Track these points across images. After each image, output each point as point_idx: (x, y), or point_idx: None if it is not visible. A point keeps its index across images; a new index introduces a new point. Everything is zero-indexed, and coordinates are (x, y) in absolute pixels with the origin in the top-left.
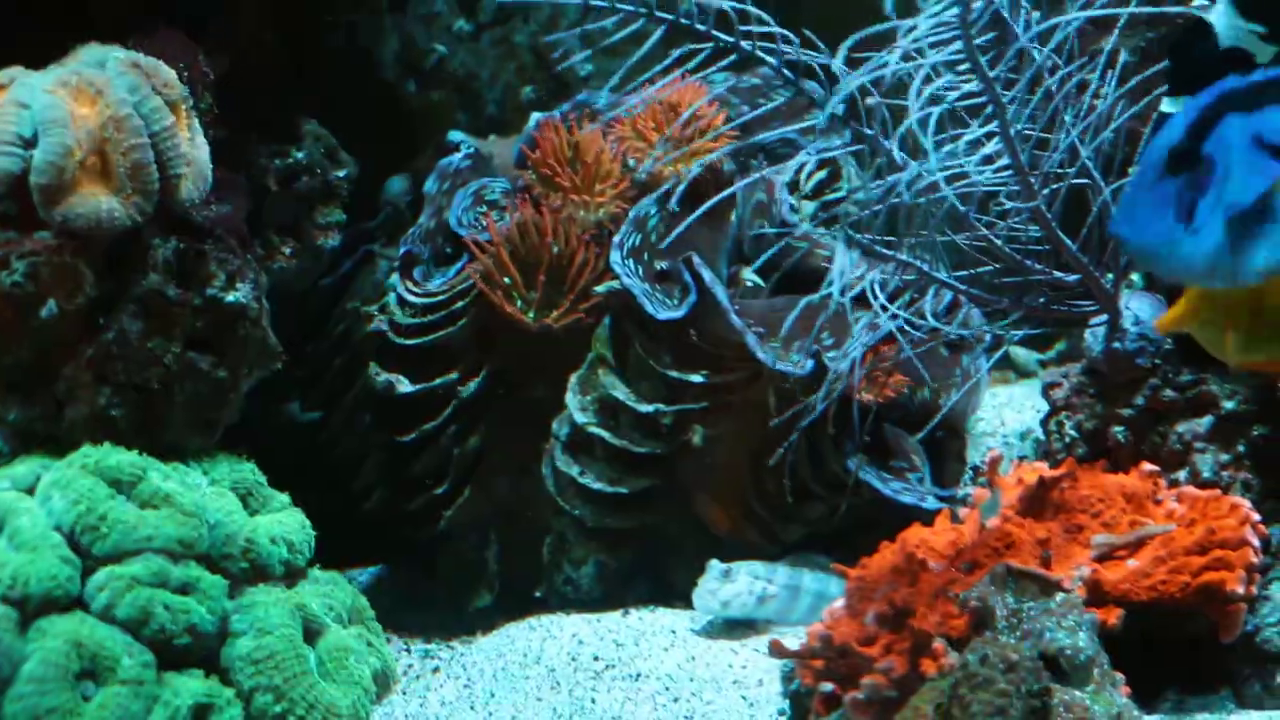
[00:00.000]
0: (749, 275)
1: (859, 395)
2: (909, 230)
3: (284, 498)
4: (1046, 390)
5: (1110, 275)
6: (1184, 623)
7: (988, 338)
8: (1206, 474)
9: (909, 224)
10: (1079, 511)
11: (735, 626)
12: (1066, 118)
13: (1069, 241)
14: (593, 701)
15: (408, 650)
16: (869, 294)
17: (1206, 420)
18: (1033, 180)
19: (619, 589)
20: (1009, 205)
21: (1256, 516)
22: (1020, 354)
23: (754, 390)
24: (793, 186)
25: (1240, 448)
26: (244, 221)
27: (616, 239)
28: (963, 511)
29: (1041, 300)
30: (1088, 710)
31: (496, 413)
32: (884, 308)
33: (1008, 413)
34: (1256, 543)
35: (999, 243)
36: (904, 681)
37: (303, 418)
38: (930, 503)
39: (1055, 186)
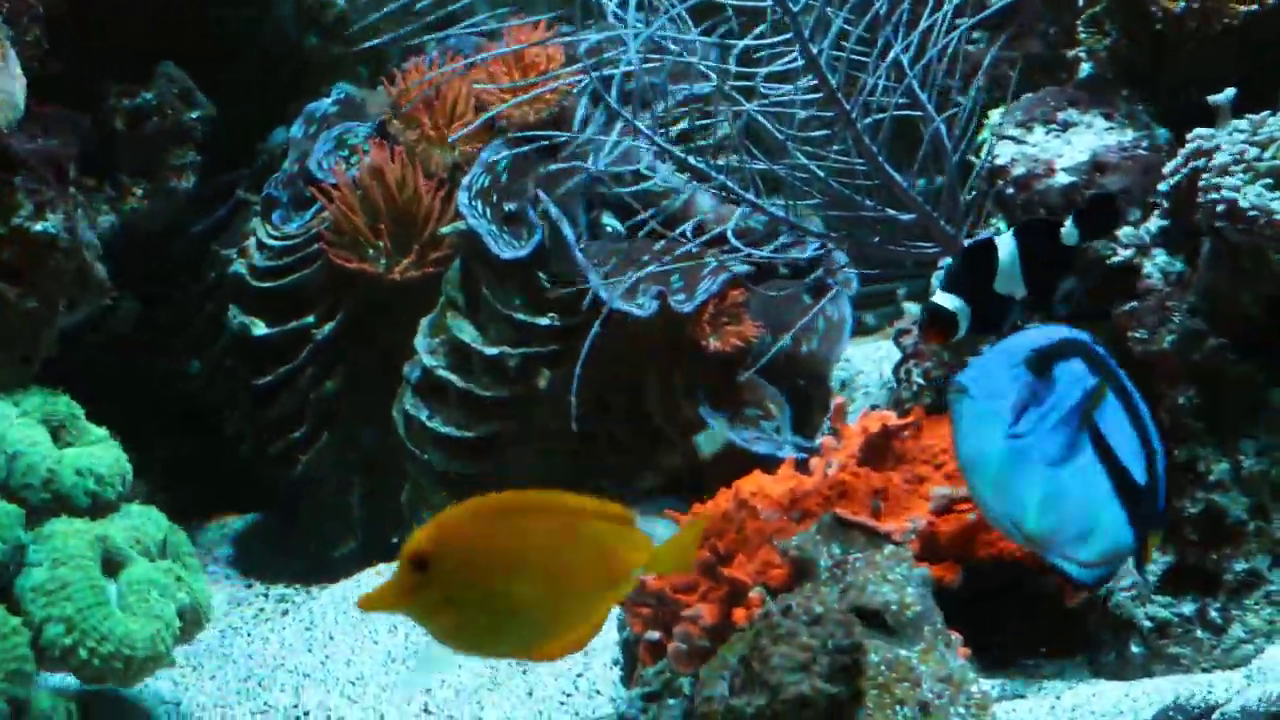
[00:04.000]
0: (609, 220)
1: (707, 341)
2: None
3: (101, 432)
4: (898, 337)
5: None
6: (1037, 582)
7: (849, 283)
8: None
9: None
10: (921, 462)
11: None
12: (889, 39)
13: (895, 174)
14: (425, 645)
15: (265, 595)
16: (729, 238)
17: None
18: (848, 106)
19: None
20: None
21: None
22: (913, 307)
23: (606, 335)
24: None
25: None
26: (72, 157)
27: (465, 180)
28: (813, 461)
29: (877, 240)
30: (912, 670)
31: (357, 358)
32: (733, 249)
33: (887, 366)
34: None
35: (820, 173)
36: (717, 631)
37: (178, 366)
38: (787, 451)
39: (880, 117)
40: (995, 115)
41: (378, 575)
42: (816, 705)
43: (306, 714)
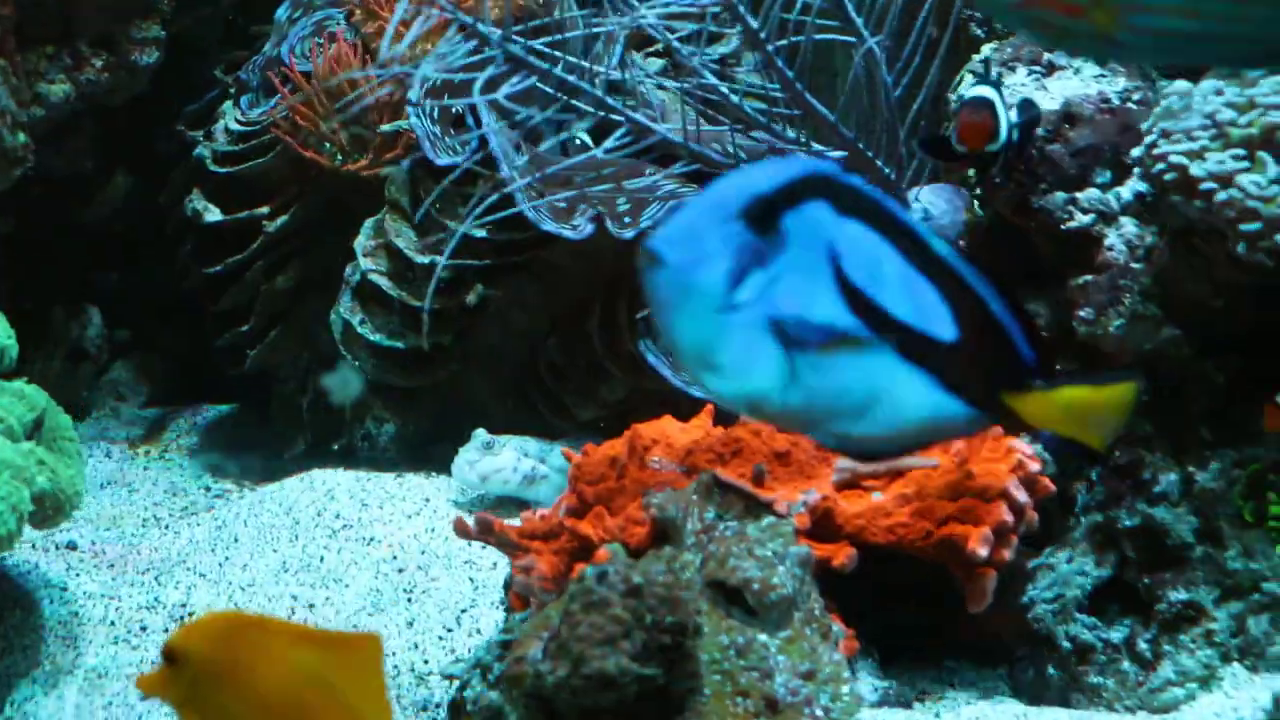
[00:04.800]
0: (580, 132)
1: None
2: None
3: None
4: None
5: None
6: (945, 578)
7: None
8: None
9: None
10: None
11: (507, 504)
12: None
13: (818, 104)
14: (321, 560)
15: (206, 490)
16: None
17: None
18: (754, 23)
19: (419, 452)
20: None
21: (1035, 467)
22: None
23: (551, 253)
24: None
25: None
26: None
27: (417, 75)
28: None
29: None
30: (766, 660)
31: (312, 256)
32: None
33: None
34: (1021, 498)
35: (734, 98)
36: (560, 585)
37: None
38: None
39: (796, 39)
40: (987, 49)
41: (299, 481)
42: (623, 686)
43: (192, 614)
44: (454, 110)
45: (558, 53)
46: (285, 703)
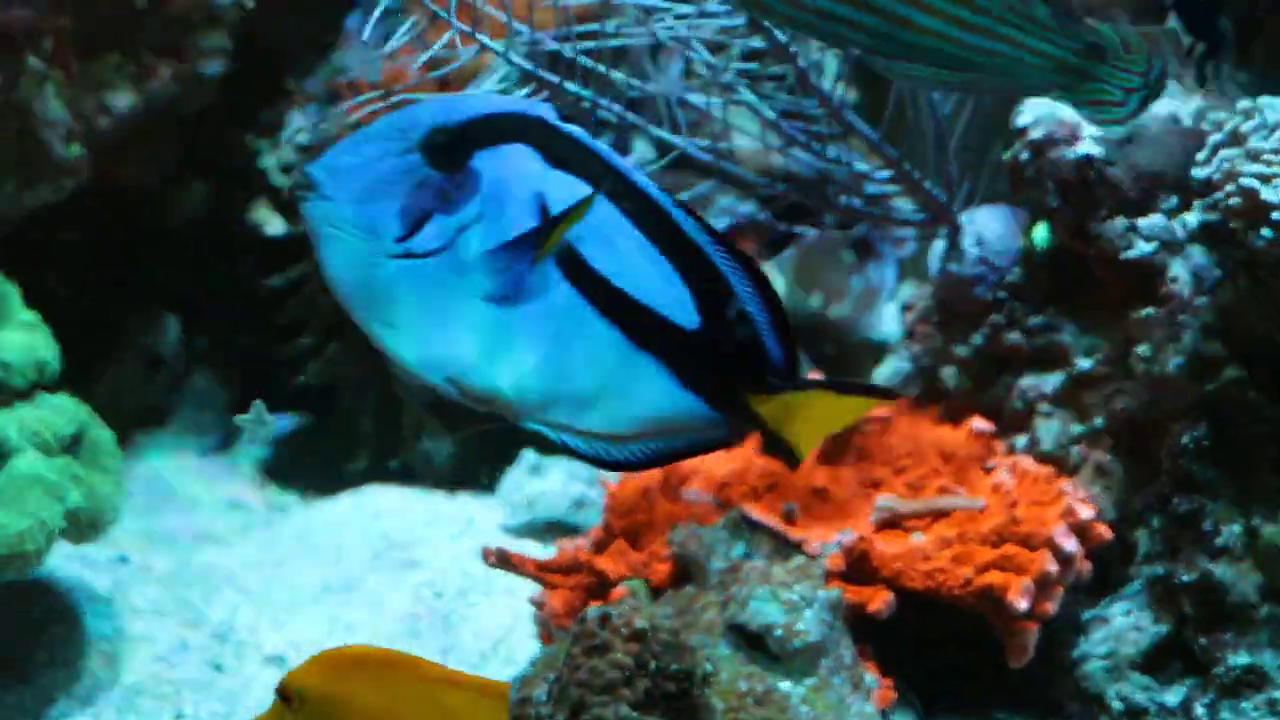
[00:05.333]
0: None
1: None
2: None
3: (28, 316)
4: (904, 311)
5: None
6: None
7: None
8: (1047, 445)
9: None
10: (881, 463)
11: (556, 528)
12: None
13: (858, 120)
14: (362, 581)
15: (268, 504)
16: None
17: (1055, 378)
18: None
19: (475, 471)
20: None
21: (1087, 514)
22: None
23: None
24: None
25: (1098, 421)
26: (25, 26)
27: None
28: None
29: (846, 201)
30: (786, 710)
31: None
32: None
33: None
34: (1069, 546)
35: (770, 113)
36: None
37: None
38: None
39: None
40: None
41: (351, 500)
42: None
43: (233, 631)
44: None
45: (596, 65)
46: None
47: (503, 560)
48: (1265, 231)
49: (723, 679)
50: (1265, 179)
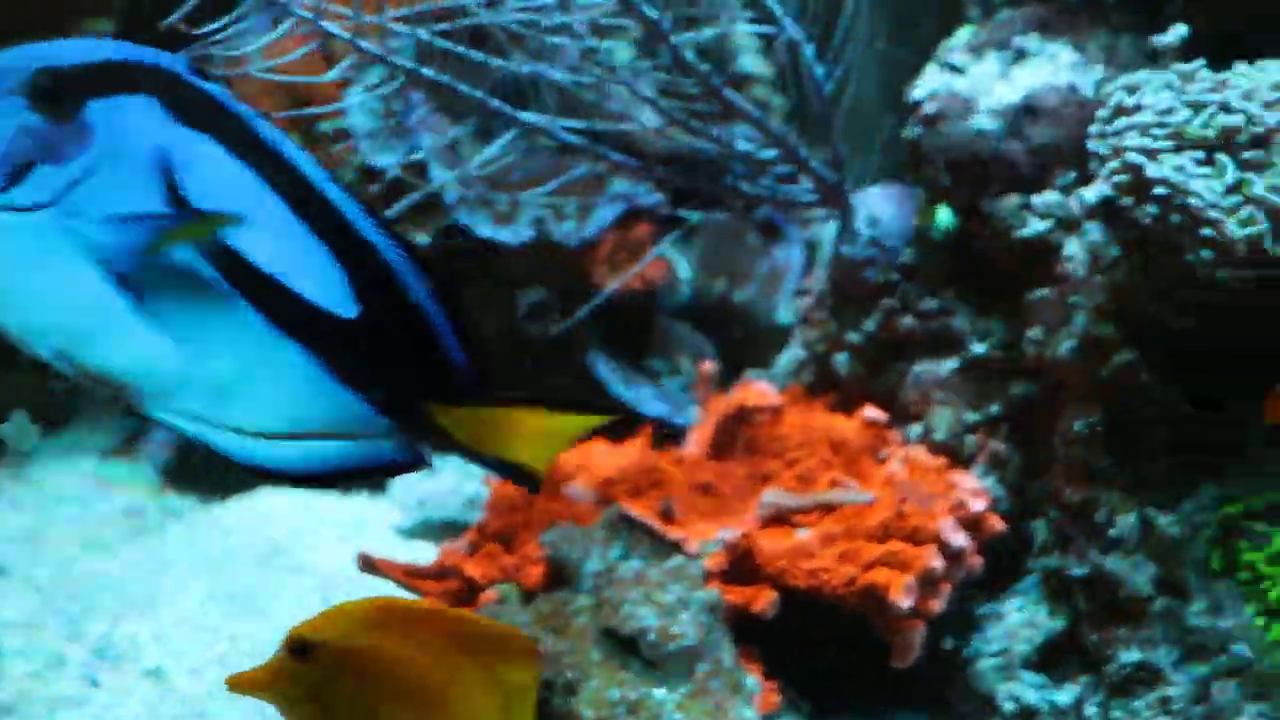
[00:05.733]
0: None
1: (603, 281)
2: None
3: None
4: (799, 296)
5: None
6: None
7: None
8: (941, 434)
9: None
10: (771, 455)
11: (451, 529)
12: None
13: (739, 98)
14: (248, 589)
15: (164, 508)
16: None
17: (949, 364)
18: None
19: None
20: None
21: (979, 505)
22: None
23: (505, 261)
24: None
25: (994, 408)
26: None
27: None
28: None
29: (732, 183)
30: (659, 718)
31: None
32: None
33: None
34: (957, 541)
35: (649, 93)
36: None
37: None
38: (690, 416)
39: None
40: (964, 33)
41: (242, 505)
42: None
43: (111, 644)
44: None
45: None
46: (430, 697)
47: (369, 566)
48: (1151, 208)
49: (593, 686)
50: (1150, 154)
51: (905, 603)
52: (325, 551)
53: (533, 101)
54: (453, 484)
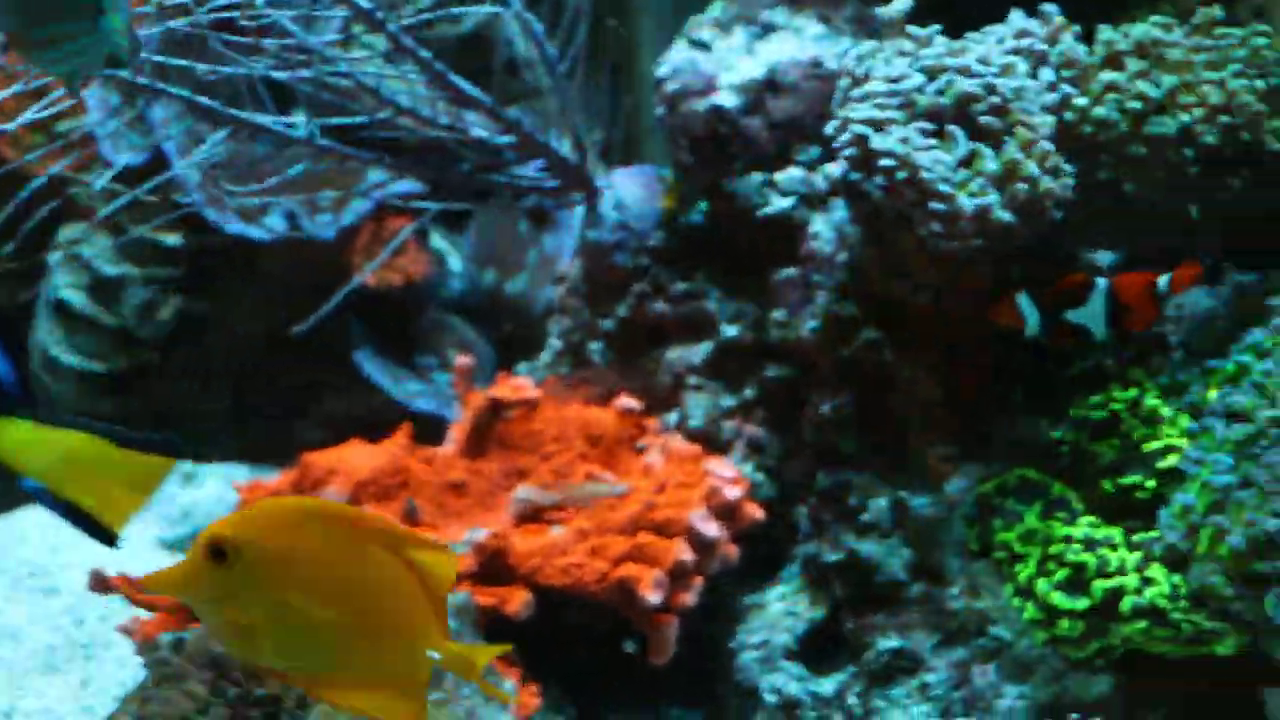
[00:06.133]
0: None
1: (362, 274)
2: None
3: None
4: (556, 283)
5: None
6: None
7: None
8: (697, 421)
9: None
10: (526, 451)
11: None
12: None
13: (466, 84)
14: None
15: None
16: None
17: (702, 348)
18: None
19: None
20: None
21: (734, 493)
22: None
23: (265, 257)
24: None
25: (749, 392)
26: None
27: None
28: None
29: (466, 167)
30: None
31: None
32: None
33: None
34: (710, 532)
35: (369, 80)
36: None
37: None
38: (459, 412)
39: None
40: (715, 8)
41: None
42: None
43: None
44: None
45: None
46: (351, 593)
47: (102, 585)
48: (879, 180)
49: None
50: (877, 125)
51: (655, 598)
52: (82, 571)
53: (294, 97)
54: (217, 492)
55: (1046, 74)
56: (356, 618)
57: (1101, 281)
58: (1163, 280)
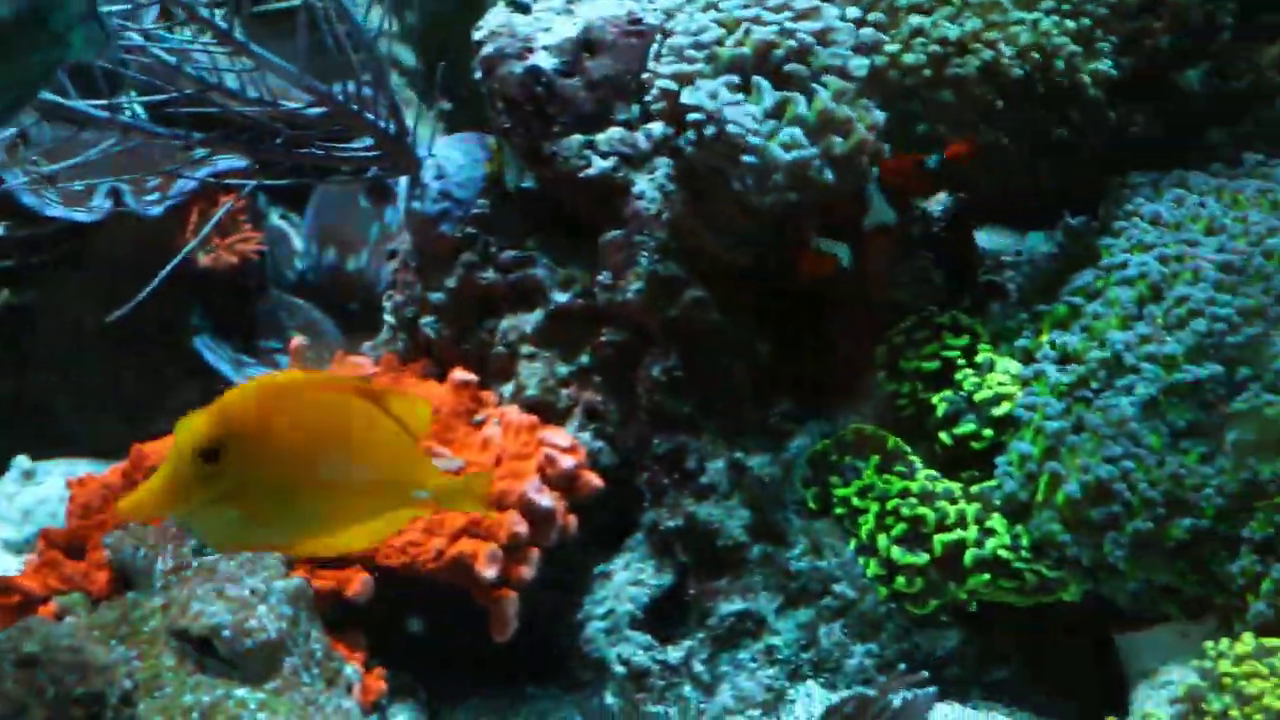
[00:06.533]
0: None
1: (195, 255)
2: None
3: None
4: (388, 258)
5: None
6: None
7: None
8: (532, 390)
9: None
10: None
11: None
12: None
13: (270, 55)
14: None
15: None
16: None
17: (534, 317)
18: None
19: None
20: None
21: (569, 462)
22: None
23: (104, 243)
24: None
25: (584, 359)
26: None
27: None
28: None
29: (279, 141)
30: (240, 718)
31: None
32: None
33: None
34: (544, 503)
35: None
36: None
37: None
38: None
39: None
40: None
41: None
42: None
43: None
44: None
45: None
46: (341, 456)
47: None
48: (690, 135)
49: (167, 693)
50: (684, 79)
51: (491, 572)
52: None
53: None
54: (59, 490)
55: (853, 12)
56: (349, 471)
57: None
58: (933, 159)
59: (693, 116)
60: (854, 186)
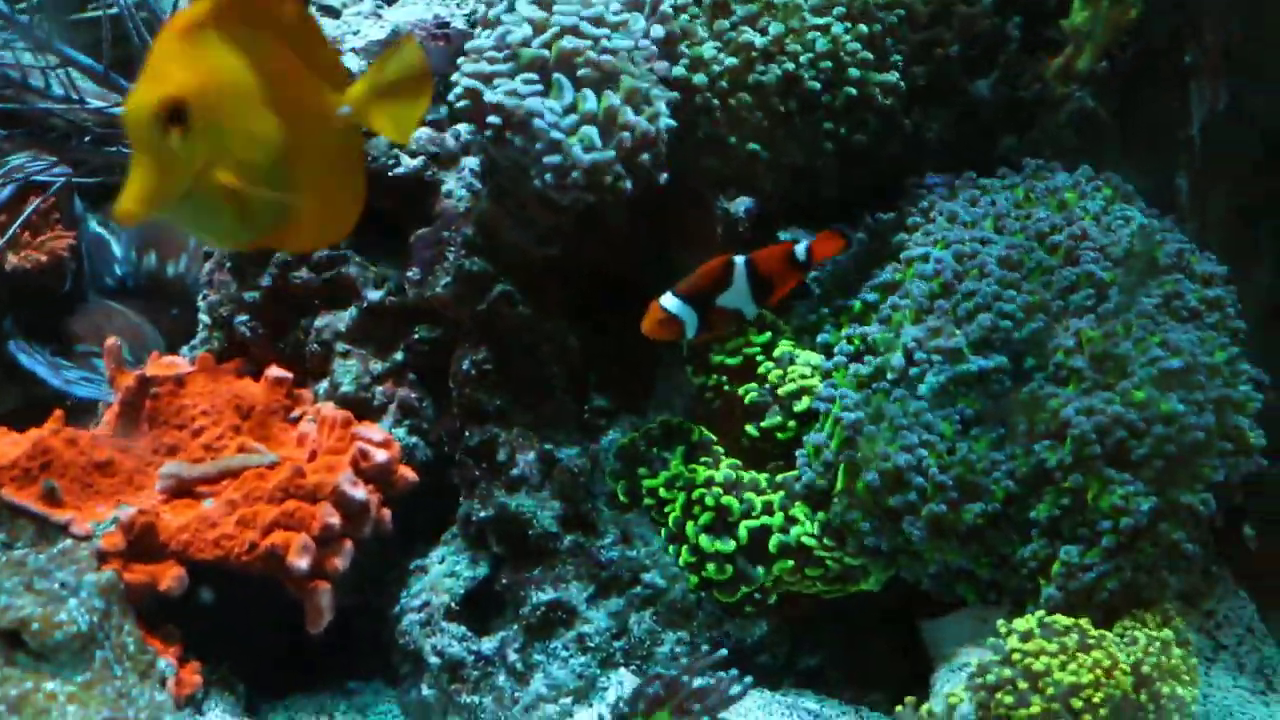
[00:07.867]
0: None
1: (10, 256)
2: None
3: None
4: (206, 258)
5: None
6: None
7: None
8: (347, 387)
9: None
10: (175, 427)
11: None
12: None
13: (73, 51)
14: None
15: None
16: None
17: (348, 315)
18: None
19: None
20: None
21: (382, 456)
22: None
23: None
24: None
25: (399, 356)
26: None
27: None
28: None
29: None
30: (49, 713)
31: None
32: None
33: None
34: (357, 495)
35: None
36: None
37: None
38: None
39: None
40: None
41: None
42: None
43: None
44: None
45: None
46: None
47: None
48: (489, 133)
49: None
50: (486, 78)
51: (303, 563)
52: None
53: None
54: None
55: (654, 30)
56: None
57: (739, 260)
58: (800, 248)
59: (494, 118)
60: (646, 184)
